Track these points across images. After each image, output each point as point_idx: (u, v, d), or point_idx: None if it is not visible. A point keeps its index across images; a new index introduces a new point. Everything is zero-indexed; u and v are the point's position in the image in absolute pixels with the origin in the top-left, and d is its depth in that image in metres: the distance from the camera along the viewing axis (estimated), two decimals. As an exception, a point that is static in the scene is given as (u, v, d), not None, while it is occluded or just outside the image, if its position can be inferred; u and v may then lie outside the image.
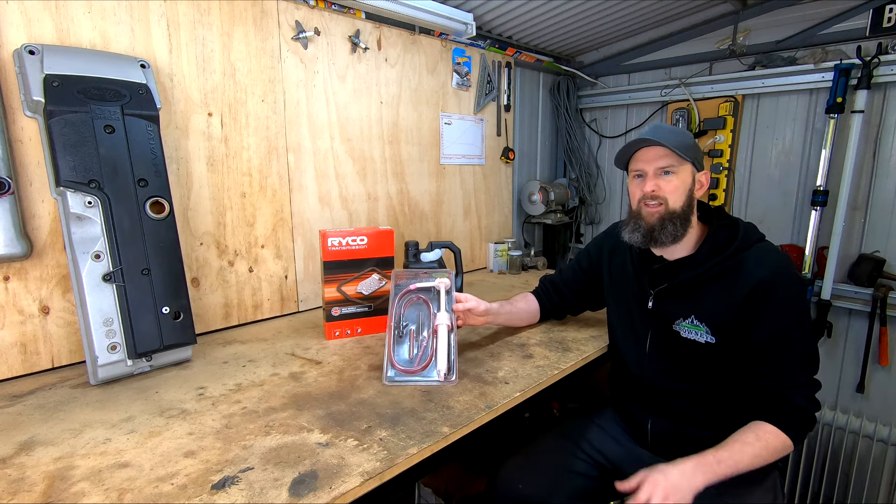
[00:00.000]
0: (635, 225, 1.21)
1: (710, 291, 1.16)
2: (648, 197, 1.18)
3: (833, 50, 2.00)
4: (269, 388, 1.18)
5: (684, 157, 1.15)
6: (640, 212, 1.21)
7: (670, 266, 1.23)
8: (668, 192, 1.16)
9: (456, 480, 1.97)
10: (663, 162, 1.16)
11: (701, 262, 1.17)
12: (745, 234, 1.16)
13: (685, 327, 1.19)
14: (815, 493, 2.13)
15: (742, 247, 1.14)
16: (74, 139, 1.13)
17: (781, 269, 1.11)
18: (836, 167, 1.99)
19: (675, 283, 1.20)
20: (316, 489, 0.80)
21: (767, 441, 1.07)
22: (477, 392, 1.16)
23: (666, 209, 1.16)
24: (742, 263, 1.13)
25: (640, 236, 1.20)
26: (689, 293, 1.19)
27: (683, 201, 1.17)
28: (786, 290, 1.10)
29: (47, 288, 1.25)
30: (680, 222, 1.16)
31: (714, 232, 1.19)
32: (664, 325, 1.23)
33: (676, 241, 1.19)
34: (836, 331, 2.09)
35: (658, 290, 1.24)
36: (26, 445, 0.94)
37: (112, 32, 1.29)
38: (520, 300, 1.58)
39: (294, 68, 1.68)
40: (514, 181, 2.68)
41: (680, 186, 1.16)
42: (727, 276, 1.14)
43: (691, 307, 1.18)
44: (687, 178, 1.17)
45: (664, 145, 1.14)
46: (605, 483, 1.34)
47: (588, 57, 2.81)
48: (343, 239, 1.48)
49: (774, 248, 1.17)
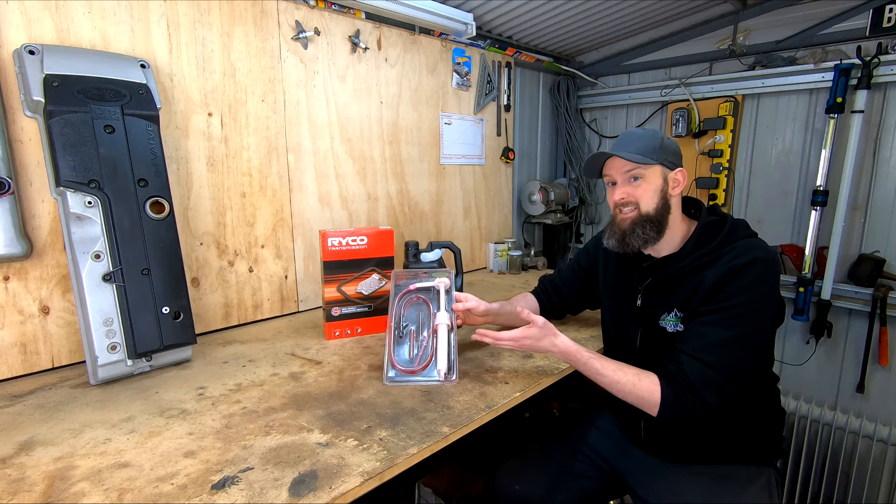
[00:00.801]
0: (611, 231, 1.24)
1: (686, 283, 1.17)
2: (621, 204, 1.21)
3: (833, 50, 2.00)
4: (269, 388, 1.18)
5: (648, 161, 1.16)
6: (615, 218, 1.24)
7: (657, 263, 1.24)
8: (639, 196, 1.18)
9: (456, 480, 1.97)
10: (630, 167, 1.18)
11: (684, 256, 1.18)
12: (731, 229, 1.16)
13: (670, 321, 1.20)
14: (815, 493, 2.13)
15: (726, 241, 1.14)
16: (74, 139, 1.13)
17: (759, 261, 1.09)
18: (836, 167, 1.99)
19: (659, 277, 1.22)
20: (316, 489, 0.80)
21: (640, 381, 1.09)
22: (477, 392, 1.16)
23: (639, 213, 1.18)
24: (720, 257, 1.12)
25: (616, 242, 1.22)
26: (671, 287, 1.20)
27: (657, 203, 1.18)
28: (748, 275, 1.07)
29: (47, 288, 1.25)
30: (651, 225, 1.18)
31: (701, 228, 1.20)
32: (651, 321, 1.24)
33: (648, 244, 1.20)
34: (836, 331, 2.09)
35: (644, 287, 1.25)
36: (26, 445, 0.94)
37: (112, 32, 1.29)
38: (520, 300, 1.58)
39: (294, 68, 1.68)
40: (514, 181, 2.68)
41: (649, 190, 1.17)
42: (703, 268, 1.14)
43: (673, 301, 1.19)
44: (657, 181, 1.18)
45: (620, 157, 1.16)
46: (603, 484, 1.35)
47: (588, 57, 2.81)
48: (343, 239, 1.48)
49: (759, 244, 1.15)
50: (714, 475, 1.20)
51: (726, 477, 1.19)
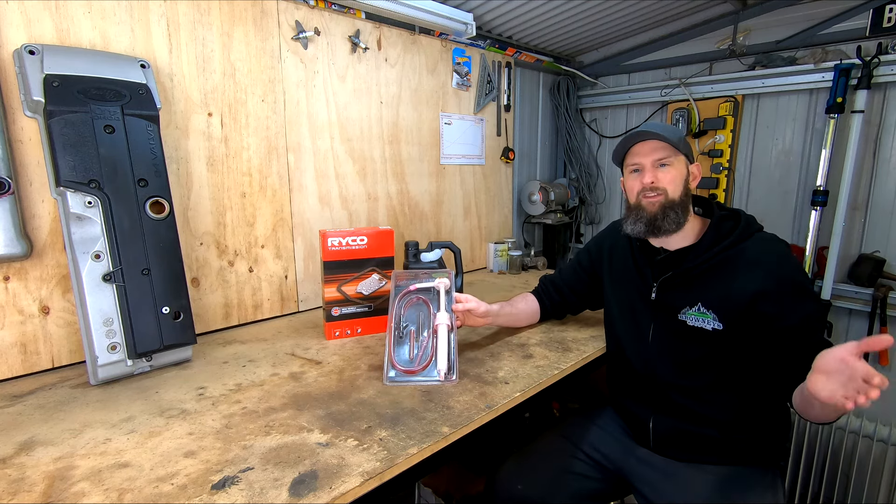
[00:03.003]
0: (637, 216, 1.24)
1: (714, 279, 1.18)
2: (648, 189, 1.21)
3: (833, 50, 2.00)
4: (269, 388, 1.18)
5: (678, 148, 1.20)
6: (640, 203, 1.24)
7: (673, 256, 1.25)
8: (667, 183, 1.21)
9: (456, 480, 1.97)
10: (659, 154, 1.21)
11: (704, 250, 1.19)
12: (746, 223, 1.20)
13: (692, 315, 1.20)
14: (815, 493, 2.13)
15: (744, 235, 1.18)
16: (74, 139, 1.13)
17: (785, 256, 1.15)
18: (836, 167, 1.99)
19: (680, 271, 1.22)
20: (316, 489, 0.80)
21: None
22: (477, 392, 1.16)
23: (666, 198, 1.20)
24: (744, 252, 1.16)
25: (643, 226, 1.22)
26: (693, 281, 1.20)
27: (681, 190, 1.21)
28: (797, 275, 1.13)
29: (47, 288, 1.25)
30: (681, 210, 1.21)
31: (717, 222, 1.22)
32: (668, 315, 1.23)
33: (679, 228, 1.22)
34: (836, 331, 2.09)
35: (662, 281, 1.25)
36: (26, 445, 0.94)
37: (112, 32, 1.29)
38: (519, 301, 1.58)
39: (294, 68, 1.68)
40: (514, 181, 2.68)
41: (677, 177, 1.21)
42: (729, 263, 1.17)
43: (697, 295, 1.19)
44: (682, 170, 1.23)
45: (660, 136, 1.19)
46: (605, 484, 1.34)
47: (588, 57, 2.81)
48: (343, 239, 1.48)
49: (773, 237, 1.20)
50: (721, 475, 1.20)
51: (733, 477, 1.19)
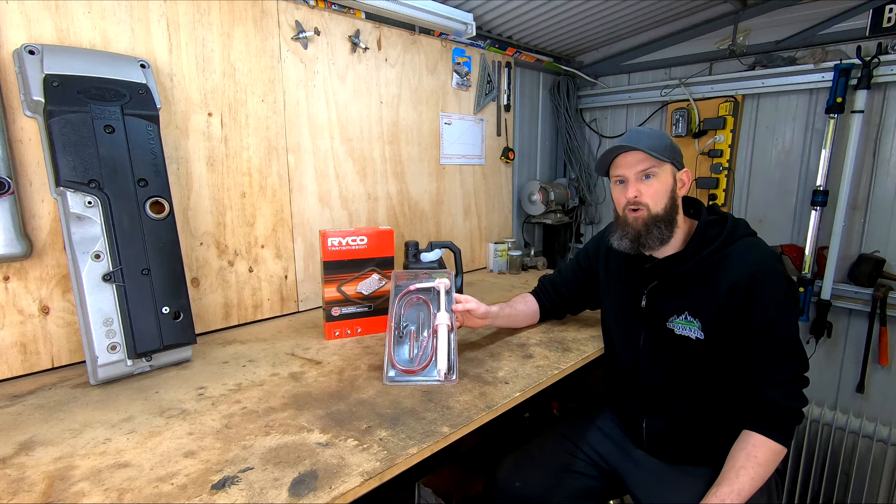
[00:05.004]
0: (623, 232, 1.22)
1: (699, 286, 1.17)
2: (632, 203, 1.19)
3: (833, 50, 2.00)
4: (269, 388, 1.18)
5: (663, 158, 1.15)
6: (626, 218, 1.21)
7: (661, 264, 1.24)
8: (650, 197, 1.17)
9: (456, 480, 1.97)
10: (643, 165, 1.16)
11: (689, 257, 1.18)
12: (732, 228, 1.17)
13: (679, 324, 1.20)
14: (815, 493, 2.13)
15: (728, 241, 1.15)
16: (74, 139, 1.13)
17: (764, 263, 1.12)
18: (836, 167, 1.99)
19: (665, 279, 1.21)
20: (316, 489, 0.80)
21: (758, 457, 1.08)
22: (477, 392, 1.16)
23: (648, 214, 1.17)
24: (727, 257, 1.14)
25: (629, 242, 1.21)
26: (679, 289, 1.20)
27: (665, 203, 1.18)
28: (769, 286, 1.10)
29: (47, 288, 1.25)
30: (664, 225, 1.18)
31: (702, 228, 1.19)
32: (657, 323, 1.23)
33: (664, 243, 1.20)
34: (835, 331, 2.09)
35: (650, 289, 1.25)
36: (26, 445, 0.94)
37: (112, 32, 1.29)
38: (519, 301, 1.58)
39: (294, 68, 1.68)
40: (514, 181, 2.68)
41: (661, 189, 1.17)
42: (712, 270, 1.15)
43: (684, 303, 1.19)
44: (668, 180, 1.18)
45: (641, 150, 1.15)
46: (603, 482, 1.35)
47: (588, 57, 2.81)
48: (343, 239, 1.48)
49: (760, 244, 1.17)
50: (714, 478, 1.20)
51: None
